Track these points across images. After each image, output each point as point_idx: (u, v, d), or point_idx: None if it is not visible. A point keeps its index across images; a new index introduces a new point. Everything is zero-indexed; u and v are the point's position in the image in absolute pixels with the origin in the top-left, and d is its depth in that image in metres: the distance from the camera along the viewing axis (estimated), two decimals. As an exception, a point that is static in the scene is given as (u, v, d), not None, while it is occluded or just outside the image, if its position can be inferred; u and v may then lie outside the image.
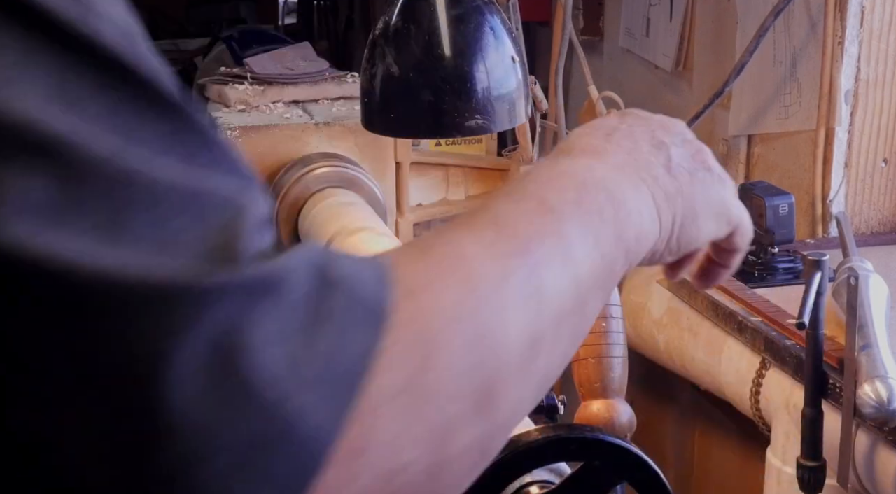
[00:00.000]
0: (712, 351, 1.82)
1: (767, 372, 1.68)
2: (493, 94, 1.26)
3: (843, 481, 1.45)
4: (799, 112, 2.02)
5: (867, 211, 2.02)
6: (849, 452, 1.44)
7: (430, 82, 1.26)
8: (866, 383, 1.37)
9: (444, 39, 1.26)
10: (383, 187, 1.98)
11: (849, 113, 1.96)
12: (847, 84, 1.95)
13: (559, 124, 2.19)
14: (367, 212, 1.85)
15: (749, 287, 1.77)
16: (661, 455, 2.35)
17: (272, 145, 1.97)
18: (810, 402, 1.48)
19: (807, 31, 1.99)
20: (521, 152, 2.17)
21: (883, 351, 1.40)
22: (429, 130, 1.38)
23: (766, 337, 1.66)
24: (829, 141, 1.98)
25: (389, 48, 1.28)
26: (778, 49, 2.03)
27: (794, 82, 2.03)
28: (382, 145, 2.01)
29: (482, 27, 1.27)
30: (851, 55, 1.93)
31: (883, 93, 1.96)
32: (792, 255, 1.80)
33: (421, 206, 2.15)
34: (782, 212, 1.77)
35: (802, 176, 2.03)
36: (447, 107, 1.26)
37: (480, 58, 1.26)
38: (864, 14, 1.92)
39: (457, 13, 1.26)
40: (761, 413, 1.71)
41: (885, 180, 2.01)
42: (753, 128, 2.12)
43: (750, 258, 1.82)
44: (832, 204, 1.99)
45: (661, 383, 2.31)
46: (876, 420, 1.38)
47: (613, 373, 1.21)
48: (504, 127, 1.32)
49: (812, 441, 1.47)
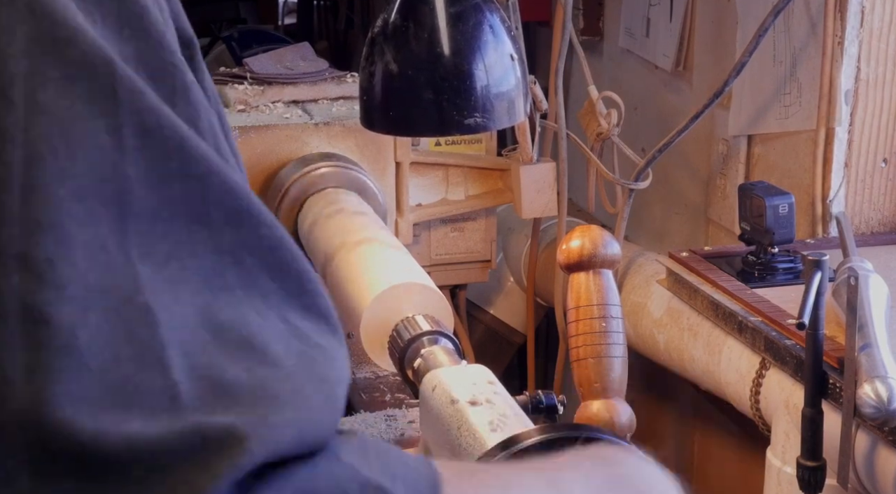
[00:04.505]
0: (712, 351, 1.82)
1: (767, 372, 1.68)
2: (492, 92, 1.26)
3: (843, 481, 1.44)
4: (799, 112, 2.02)
5: (867, 211, 2.01)
6: (849, 452, 1.44)
7: (429, 80, 1.26)
8: (866, 383, 1.37)
9: (443, 37, 1.26)
10: (383, 187, 1.98)
11: (849, 113, 1.96)
12: (847, 84, 1.95)
13: (559, 124, 2.18)
14: (364, 211, 1.84)
15: (749, 287, 1.77)
16: (661, 455, 2.34)
17: (272, 145, 1.97)
18: (810, 402, 1.48)
19: (807, 31, 1.99)
20: (520, 152, 2.16)
21: (883, 351, 1.40)
22: (428, 128, 1.38)
23: (766, 337, 1.65)
24: (829, 141, 1.97)
25: (388, 46, 1.28)
26: (778, 49, 2.03)
27: (794, 82, 2.03)
28: (382, 145, 2.01)
29: (481, 25, 1.27)
30: (851, 55, 1.93)
31: (883, 93, 1.96)
32: (792, 255, 1.80)
33: (421, 206, 2.15)
34: (782, 212, 1.77)
35: (802, 176, 2.02)
36: (446, 105, 1.26)
37: (479, 56, 1.26)
38: (864, 14, 1.92)
39: (456, 11, 1.26)
40: (761, 414, 1.71)
41: (885, 180, 2.00)
42: (753, 128, 2.12)
43: (750, 258, 1.82)
44: (832, 204, 1.99)
45: (661, 383, 2.31)
46: (876, 420, 1.38)
47: (613, 373, 1.21)
48: (503, 125, 1.32)
49: (812, 441, 1.47)
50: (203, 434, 0.53)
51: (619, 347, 1.21)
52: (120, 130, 0.57)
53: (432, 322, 1.36)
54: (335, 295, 1.59)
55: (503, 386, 1.18)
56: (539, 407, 1.20)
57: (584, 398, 1.21)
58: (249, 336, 0.57)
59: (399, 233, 2.06)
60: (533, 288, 2.43)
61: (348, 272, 1.58)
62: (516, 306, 2.57)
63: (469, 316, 2.49)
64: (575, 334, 1.21)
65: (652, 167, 2.09)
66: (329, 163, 1.94)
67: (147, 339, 0.55)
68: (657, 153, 2.07)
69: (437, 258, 2.21)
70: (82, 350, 0.53)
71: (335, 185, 1.92)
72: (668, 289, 1.94)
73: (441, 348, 1.30)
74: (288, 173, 1.93)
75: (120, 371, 0.54)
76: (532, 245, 2.39)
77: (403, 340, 1.33)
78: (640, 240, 2.43)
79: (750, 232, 1.81)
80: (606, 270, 1.21)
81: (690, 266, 1.88)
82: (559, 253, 1.22)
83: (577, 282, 1.21)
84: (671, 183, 2.39)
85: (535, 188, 2.15)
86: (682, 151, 2.25)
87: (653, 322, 2.00)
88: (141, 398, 0.54)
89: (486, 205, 2.21)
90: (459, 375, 1.20)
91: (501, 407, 1.11)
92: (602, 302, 1.20)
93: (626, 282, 2.11)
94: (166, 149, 0.58)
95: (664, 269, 1.95)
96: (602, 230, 1.22)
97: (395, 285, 1.44)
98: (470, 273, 2.26)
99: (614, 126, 2.12)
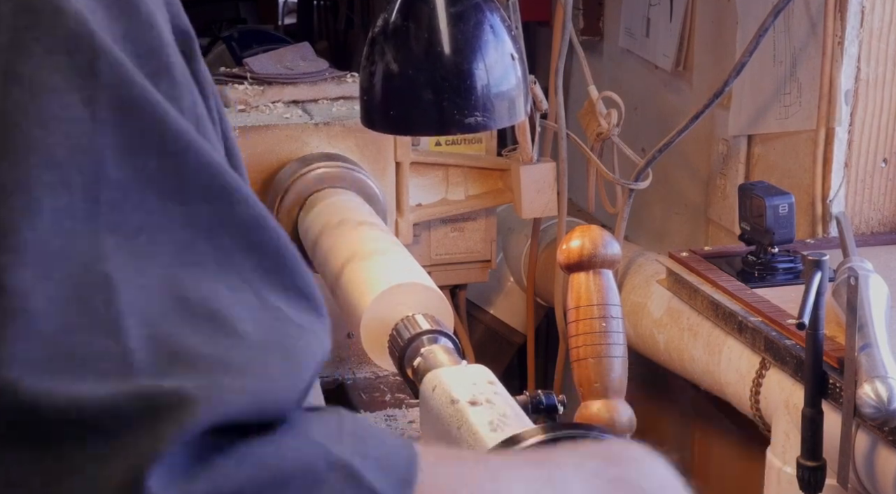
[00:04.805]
0: (712, 351, 1.82)
1: (767, 372, 1.68)
2: (492, 92, 1.26)
3: (843, 481, 1.44)
4: (799, 112, 2.02)
5: (867, 211, 2.01)
6: (849, 452, 1.44)
7: (429, 80, 1.26)
8: (866, 383, 1.36)
9: (443, 37, 1.26)
10: (383, 187, 1.98)
11: (849, 113, 1.96)
12: (847, 84, 1.95)
13: (559, 124, 2.18)
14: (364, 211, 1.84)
15: (749, 287, 1.77)
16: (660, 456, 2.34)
17: (272, 145, 1.97)
18: (810, 402, 1.48)
19: (807, 31, 1.99)
20: (520, 152, 2.16)
21: (883, 351, 1.40)
22: (428, 128, 1.38)
23: (766, 337, 1.65)
24: (829, 141, 1.97)
25: (389, 46, 1.28)
26: (778, 49, 2.03)
27: (794, 82, 2.03)
28: (382, 145, 2.01)
29: (481, 25, 1.27)
30: (851, 55, 1.93)
31: (883, 93, 1.96)
32: (792, 255, 1.80)
33: (421, 206, 2.15)
34: (782, 212, 1.77)
35: (802, 176, 2.02)
36: (446, 104, 1.26)
37: (480, 55, 1.26)
38: (864, 14, 1.92)
39: (456, 11, 1.26)
40: (761, 414, 1.71)
41: (885, 180, 2.00)
42: (753, 128, 2.12)
43: (750, 258, 1.82)
44: (832, 204, 1.98)
45: (661, 383, 2.31)
46: (876, 420, 1.38)
47: (613, 373, 1.20)
48: (503, 124, 1.32)
49: (812, 441, 1.47)
50: (151, 398, 0.54)
51: (620, 347, 1.21)
52: (96, 103, 0.58)
53: (432, 321, 1.36)
54: (336, 294, 1.59)
55: (503, 386, 1.18)
56: (539, 407, 1.20)
57: (584, 398, 1.21)
58: (217, 308, 0.58)
59: (399, 233, 2.05)
60: (533, 288, 2.43)
61: (348, 271, 1.58)
62: (516, 306, 2.57)
63: (469, 316, 2.49)
64: (575, 334, 1.21)
65: (652, 167, 2.09)
66: (329, 163, 1.93)
67: (103, 307, 0.55)
68: (657, 153, 2.07)
69: (437, 258, 2.21)
70: (34, 314, 0.54)
71: (335, 185, 1.92)
72: (668, 289, 1.94)
73: (441, 347, 1.30)
74: (288, 173, 1.93)
75: (72, 336, 0.55)
76: (532, 245, 2.39)
77: (403, 339, 1.33)
78: (640, 240, 2.43)
79: (750, 232, 1.81)
80: (606, 270, 1.21)
81: (690, 266, 1.88)
82: (559, 253, 1.22)
83: (577, 282, 1.20)
84: (671, 183, 2.39)
85: (535, 188, 2.15)
86: (682, 151, 2.25)
87: (653, 322, 2.00)
88: (92, 363, 0.54)
89: (486, 205, 2.21)
90: (459, 375, 1.20)
91: (501, 406, 1.11)
92: (602, 302, 1.20)
93: (626, 282, 2.11)
94: (143, 123, 0.59)
95: (664, 269, 1.95)
96: (602, 230, 1.22)
97: (395, 285, 1.44)
98: (470, 273, 2.26)
99: (614, 126, 2.12)
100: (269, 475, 0.55)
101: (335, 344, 2.03)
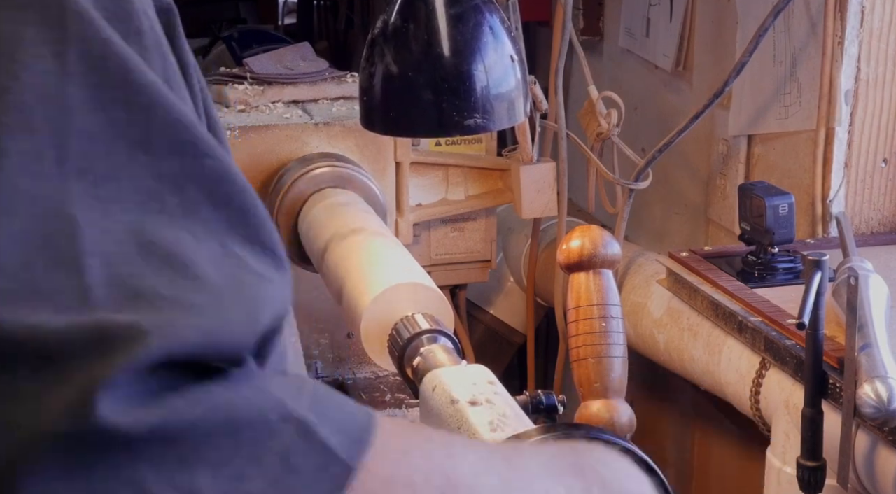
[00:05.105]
0: (712, 351, 1.82)
1: (767, 372, 1.68)
2: (491, 93, 1.26)
3: (843, 481, 1.44)
4: (799, 112, 2.02)
5: (867, 211, 2.01)
6: (849, 452, 1.44)
7: (429, 81, 1.26)
8: (866, 383, 1.37)
9: (443, 38, 1.26)
10: (383, 187, 1.98)
11: (849, 113, 1.96)
12: (847, 84, 1.95)
13: (559, 124, 2.18)
14: (364, 211, 1.84)
15: (749, 287, 1.77)
16: (661, 455, 2.35)
17: (272, 145, 1.97)
18: (810, 402, 1.48)
19: (807, 31, 1.99)
20: (520, 152, 2.16)
21: (883, 351, 1.40)
22: (428, 129, 1.38)
23: (766, 337, 1.65)
24: (829, 141, 1.97)
25: (388, 47, 1.28)
26: (778, 49, 2.03)
27: (794, 82, 2.03)
28: (382, 145, 2.01)
29: (481, 26, 1.27)
30: (851, 55, 1.93)
31: (883, 93, 1.96)
32: (792, 255, 1.80)
33: (421, 206, 2.15)
34: (782, 212, 1.77)
35: (802, 176, 2.03)
36: (446, 105, 1.26)
37: (479, 57, 1.26)
38: (864, 14, 1.92)
39: (456, 12, 1.26)
40: (761, 414, 1.71)
41: (885, 180, 2.00)
42: (753, 128, 2.12)
43: (750, 258, 1.82)
44: (832, 204, 1.99)
45: (661, 383, 2.31)
46: (876, 420, 1.38)
47: (613, 373, 1.20)
48: (503, 125, 1.32)
49: (812, 441, 1.47)
50: (105, 329, 0.55)
51: (620, 347, 1.21)
52: (65, 55, 0.59)
53: (431, 320, 1.36)
54: (335, 294, 1.59)
55: (503, 386, 1.18)
56: (539, 407, 1.20)
57: (584, 398, 1.21)
58: (178, 253, 0.59)
59: (399, 233, 2.06)
60: (533, 288, 2.43)
61: (348, 271, 1.58)
62: (516, 306, 2.58)
63: (469, 316, 2.49)
64: (575, 334, 1.21)
65: (652, 167, 2.10)
66: (329, 163, 1.93)
67: (65, 245, 0.57)
68: (657, 153, 2.07)
69: (437, 258, 2.21)
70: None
71: (335, 185, 1.92)
72: (668, 289, 1.94)
73: (440, 346, 1.31)
74: (288, 173, 1.93)
75: (32, 270, 0.56)
76: (532, 245, 2.39)
77: (403, 338, 1.34)
78: (640, 240, 2.43)
79: (750, 232, 1.81)
80: (606, 270, 1.21)
81: (690, 266, 1.88)
82: (559, 253, 1.22)
83: (577, 282, 1.20)
84: (671, 183, 2.39)
85: (535, 188, 2.15)
86: (682, 151, 2.25)
87: (653, 322, 2.00)
88: (50, 296, 0.56)
89: (486, 205, 2.21)
90: (459, 375, 1.20)
91: (501, 407, 1.11)
92: (602, 302, 1.20)
93: (626, 282, 2.11)
94: (112, 76, 0.60)
95: (664, 269, 1.95)
96: (602, 230, 1.22)
97: (395, 285, 1.44)
98: (470, 273, 2.26)
99: (614, 126, 2.12)
100: (221, 417, 0.57)
101: (335, 344, 2.03)
